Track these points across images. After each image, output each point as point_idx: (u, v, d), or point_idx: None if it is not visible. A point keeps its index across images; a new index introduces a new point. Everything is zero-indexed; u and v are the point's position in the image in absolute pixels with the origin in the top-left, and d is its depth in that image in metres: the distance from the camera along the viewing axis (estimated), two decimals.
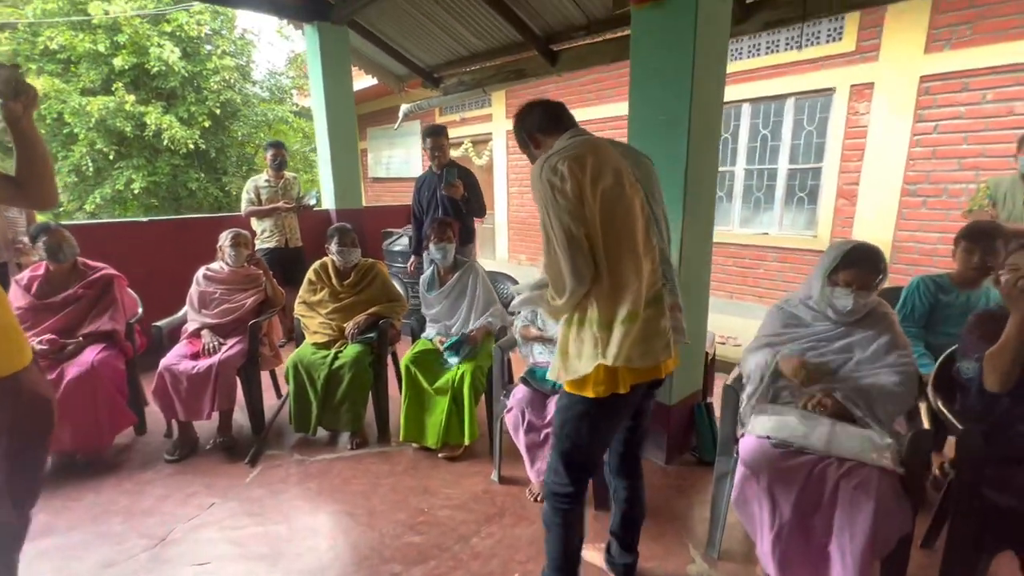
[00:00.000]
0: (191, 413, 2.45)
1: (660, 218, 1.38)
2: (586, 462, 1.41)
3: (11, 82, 1.19)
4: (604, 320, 1.26)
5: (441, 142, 3.33)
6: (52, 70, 7.33)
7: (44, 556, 1.82)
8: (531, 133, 1.45)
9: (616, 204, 1.24)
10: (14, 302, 2.47)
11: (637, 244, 1.26)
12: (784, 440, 1.50)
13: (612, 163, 1.26)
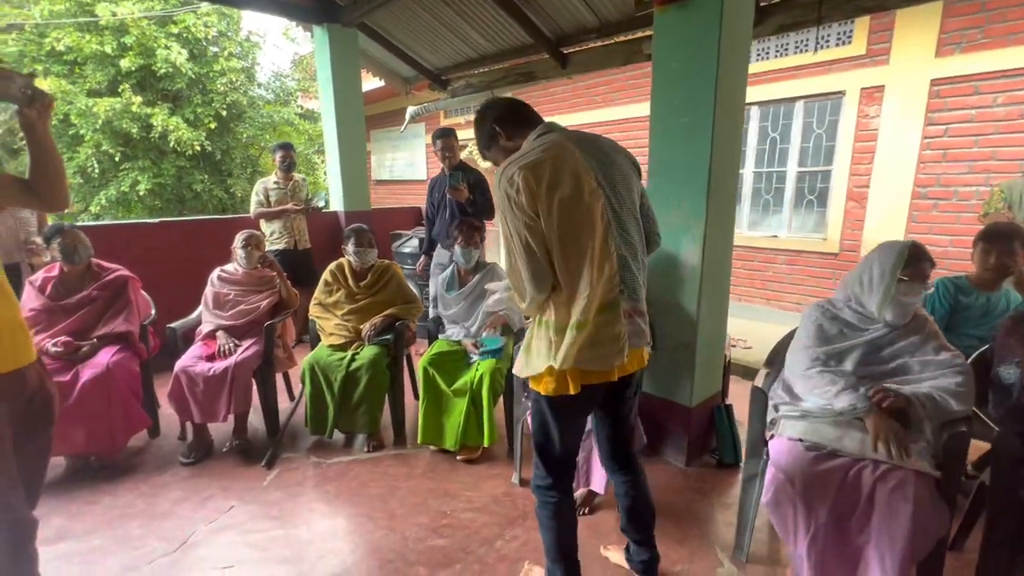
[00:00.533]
0: (207, 415, 2.44)
1: (627, 221, 1.34)
2: (558, 455, 1.45)
3: (27, 89, 1.22)
4: (558, 325, 1.30)
5: (451, 143, 3.34)
6: (59, 71, 7.31)
7: (64, 560, 1.80)
8: (500, 121, 1.40)
9: (572, 213, 1.24)
10: (28, 304, 2.46)
11: (593, 253, 1.27)
12: (817, 443, 1.48)
13: (571, 169, 1.25)
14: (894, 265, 1.55)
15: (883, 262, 1.58)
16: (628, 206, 1.34)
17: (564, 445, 1.44)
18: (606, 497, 2.04)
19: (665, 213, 2.26)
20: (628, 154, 1.42)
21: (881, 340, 1.61)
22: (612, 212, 1.29)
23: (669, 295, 2.30)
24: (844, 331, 1.66)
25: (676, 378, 2.34)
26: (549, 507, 1.46)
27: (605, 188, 1.28)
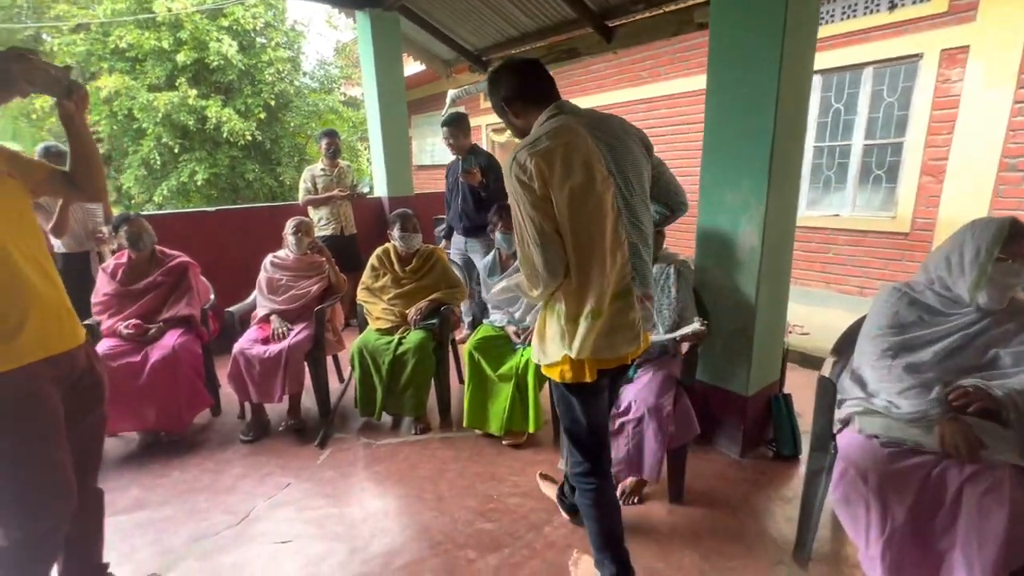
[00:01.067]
0: (263, 396, 2.54)
1: (638, 208, 1.31)
2: (588, 437, 1.44)
3: (64, 82, 1.23)
4: (570, 315, 1.30)
5: (454, 131, 3.28)
6: (122, 68, 7.72)
7: (141, 528, 1.93)
8: (508, 100, 1.35)
9: (585, 202, 1.23)
10: (101, 289, 2.62)
11: (604, 241, 1.26)
12: (896, 439, 1.37)
13: (583, 157, 1.22)
14: (991, 243, 1.39)
15: (978, 239, 1.42)
16: (638, 192, 1.32)
17: (592, 426, 1.43)
18: (658, 488, 1.99)
19: (721, 192, 2.14)
20: (639, 133, 1.39)
21: (969, 328, 1.45)
22: (623, 200, 1.27)
23: (725, 278, 2.19)
24: (924, 317, 1.51)
25: (732, 365, 2.23)
26: (589, 494, 1.44)
27: (616, 176, 1.26)
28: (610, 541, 1.46)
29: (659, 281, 1.98)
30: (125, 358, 2.42)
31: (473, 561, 1.72)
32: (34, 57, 1.15)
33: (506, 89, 1.34)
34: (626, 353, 1.33)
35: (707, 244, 2.24)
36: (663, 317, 1.96)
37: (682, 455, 1.96)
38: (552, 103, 1.32)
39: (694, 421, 1.91)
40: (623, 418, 1.87)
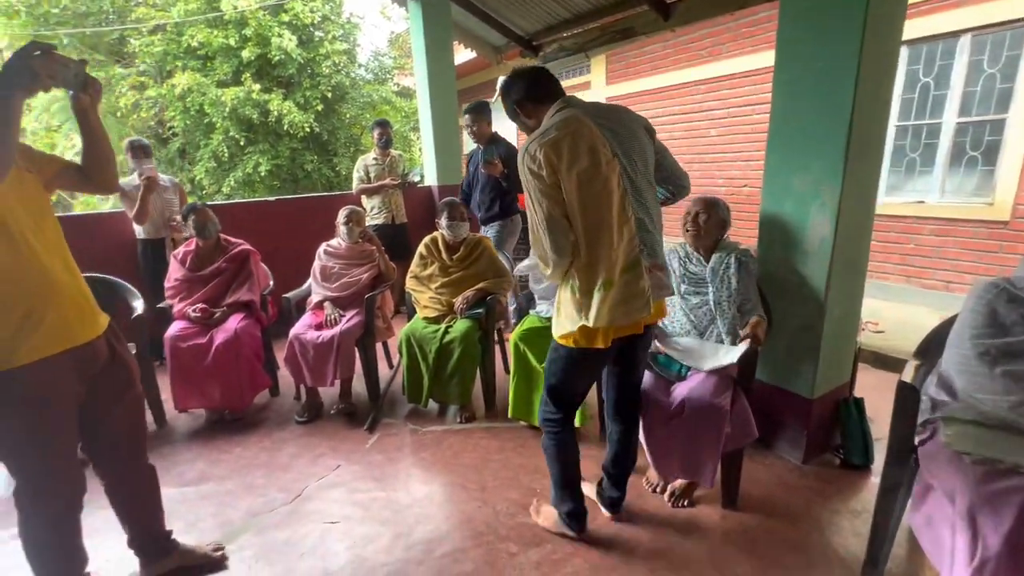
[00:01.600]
0: (317, 379, 2.63)
1: (643, 186, 1.43)
2: (567, 396, 1.63)
3: (81, 76, 1.22)
4: (584, 288, 1.43)
5: (476, 118, 3.29)
6: (194, 66, 8.21)
7: (205, 500, 2.05)
8: (520, 103, 1.50)
9: (591, 184, 1.36)
10: (173, 274, 2.79)
11: (612, 218, 1.38)
12: (991, 457, 1.21)
13: (588, 143, 1.35)
14: None
15: None
16: (642, 172, 1.44)
17: (577, 389, 1.63)
18: (711, 492, 1.88)
19: (788, 177, 1.97)
20: (642, 120, 1.51)
21: None
22: (628, 180, 1.39)
23: (790, 270, 2.02)
24: None
25: (795, 365, 2.07)
26: (556, 438, 1.63)
27: (621, 158, 1.38)
28: (569, 481, 1.67)
29: (718, 271, 1.86)
30: (193, 340, 2.58)
31: (515, 555, 1.70)
32: (54, 52, 1.15)
33: (516, 93, 1.49)
34: (640, 319, 1.46)
35: (771, 233, 2.08)
36: (722, 310, 1.84)
37: (738, 459, 1.85)
38: (559, 99, 1.45)
39: (752, 424, 1.79)
40: (676, 418, 1.77)
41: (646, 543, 1.73)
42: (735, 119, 5.41)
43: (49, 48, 1.13)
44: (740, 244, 1.96)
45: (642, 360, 1.70)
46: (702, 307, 1.90)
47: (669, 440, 1.78)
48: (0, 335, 1.22)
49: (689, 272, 1.95)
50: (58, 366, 1.30)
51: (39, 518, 1.36)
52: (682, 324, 1.93)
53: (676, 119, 6.08)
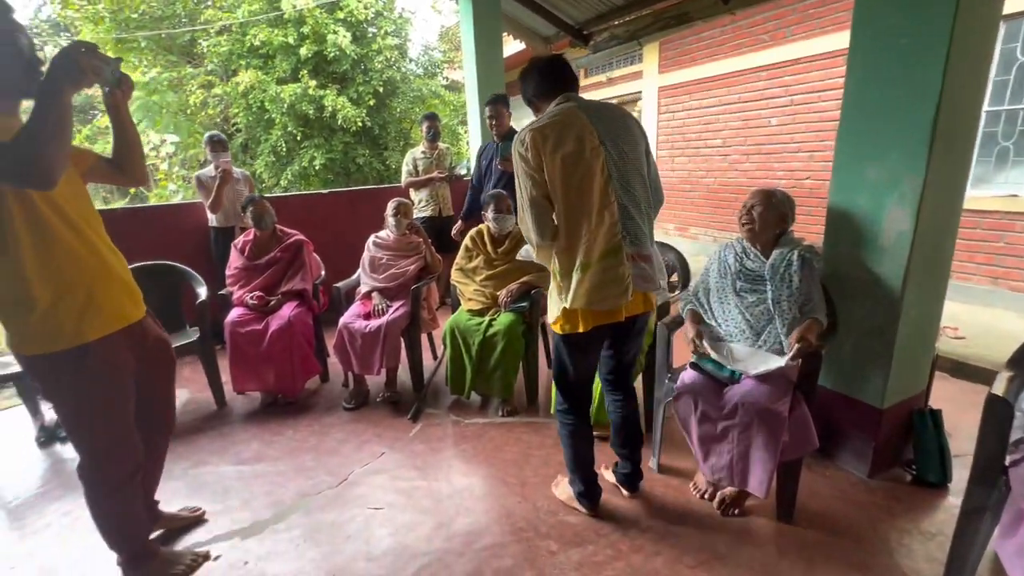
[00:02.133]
0: (364, 367, 2.69)
1: (631, 175, 1.48)
2: (574, 385, 1.70)
3: (116, 73, 1.28)
4: (564, 271, 1.51)
5: (500, 110, 3.29)
6: (256, 64, 8.61)
7: (259, 478, 2.15)
8: (530, 101, 1.62)
9: (574, 168, 1.44)
10: (233, 263, 2.94)
11: (592, 203, 1.45)
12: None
13: (576, 131, 1.44)
14: None
15: None
16: (632, 162, 1.49)
17: (578, 377, 1.68)
18: (764, 502, 1.78)
19: (861, 167, 1.81)
20: (636, 121, 1.58)
21: None
22: (614, 166, 1.45)
23: (861, 268, 1.87)
24: None
25: (864, 372, 1.92)
26: (567, 427, 1.74)
27: (607, 146, 1.45)
28: (581, 465, 1.77)
29: (779, 269, 1.74)
30: (250, 326, 2.70)
31: (554, 553, 1.67)
32: (96, 50, 1.20)
33: (529, 90, 1.60)
34: (618, 306, 1.51)
35: (839, 228, 1.92)
36: (781, 309, 1.72)
37: (796, 469, 1.73)
38: (561, 94, 1.54)
39: (812, 433, 1.66)
40: (727, 422, 1.68)
41: (692, 551, 1.65)
42: (798, 107, 5.08)
43: (92, 47, 1.19)
44: (804, 240, 1.82)
45: (633, 347, 1.76)
46: (759, 306, 1.78)
47: (720, 445, 1.69)
48: (70, 314, 1.31)
49: (746, 269, 1.83)
50: (118, 343, 1.42)
51: (105, 487, 1.47)
52: (736, 323, 1.82)
53: (732, 109, 5.79)
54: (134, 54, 8.88)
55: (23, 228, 1.23)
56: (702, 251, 6.22)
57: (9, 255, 1.23)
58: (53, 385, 1.36)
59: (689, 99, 6.38)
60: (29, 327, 1.28)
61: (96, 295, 1.36)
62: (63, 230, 1.30)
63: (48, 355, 1.30)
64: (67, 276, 1.31)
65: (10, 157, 1.10)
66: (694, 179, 6.52)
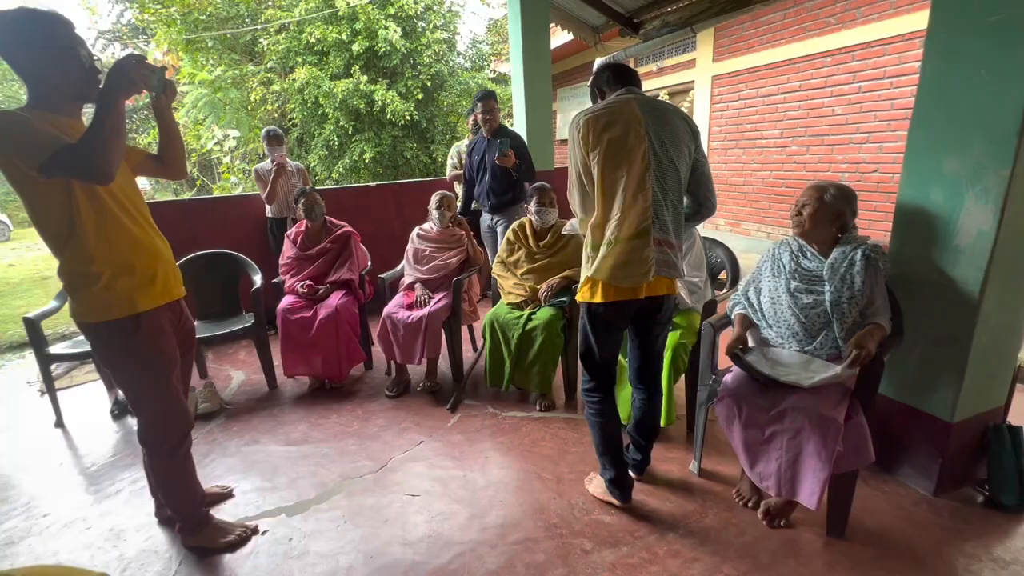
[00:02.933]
0: (406, 357, 2.75)
1: (667, 168, 1.57)
2: (597, 362, 1.75)
3: (162, 80, 1.42)
4: (594, 244, 1.62)
5: (491, 106, 3.33)
6: (311, 61, 8.93)
7: (305, 459, 2.25)
8: (600, 88, 1.75)
9: (618, 150, 1.55)
10: (286, 253, 3.07)
11: (630, 185, 1.54)
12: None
13: (624, 119, 1.55)
14: None
15: None
16: (671, 156, 1.58)
17: (601, 353, 1.74)
18: (813, 515, 1.68)
19: (937, 158, 1.67)
20: (688, 119, 1.66)
21: None
22: (654, 156, 1.55)
23: (931, 270, 1.72)
24: None
25: (932, 382, 1.77)
26: (594, 406, 1.78)
27: (651, 137, 1.55)
28: (610, 446, 1.78)
29: (839, 268, 1.63)
30: (300, 313, 2.82)
31: (588, 552, 1.65)
32: (145, 61, 1.35)
33: (602, 80, 1.73)
34: (639, 284, 1.58)
35: (909, 225, 1.78)
36: (841, 312, 1.61)
37: (851, 482, 1.63)
38: (624, 87, 1.66)
39: (869, 445, 1.55)
40: (774, 426, 1.60)
41: (732, 560, 1.59)
42: (866, 95, 4.73)
43: (142, 59, 1.34)
44: (868, 238, 1.69)
45: (660, 333, 1.80)
46: (816, 308, 1.67)
47: (768, 451, 1.61)
48: (126, 288, 1.48)
49: (802, 268, 1.72)
50: (163, 315, 1.59)
51: (163, 450, 1.62)
52: (789, 326, 1.71)
53: (792, 97, 5.46)
54: (201, 54, 9.42)
55: (89, 214, 1.39)
56: (755, 248, 5.94)
57: (77, 237, 1.39)
58: (111, 350, 1.52)
59: (745, 88, 6.07)
60: (92, 298, 1.44)
61: (147, 272, 1.52)
62: (121, 216, 1.46)
63: (107, 323, 1.47)
64: (124, 255, 1.47)
65: (76, 156, 1.26)
66: (748, 172, 6.22)
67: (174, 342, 1.62)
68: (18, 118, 1.27)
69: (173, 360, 1.61)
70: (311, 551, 1.71)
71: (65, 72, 1.35)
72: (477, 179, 3.58)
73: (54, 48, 1.32)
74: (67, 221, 1.37)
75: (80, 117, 1.46)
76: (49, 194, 1.34)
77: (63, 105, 1.39)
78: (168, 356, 1.59)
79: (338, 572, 1.62)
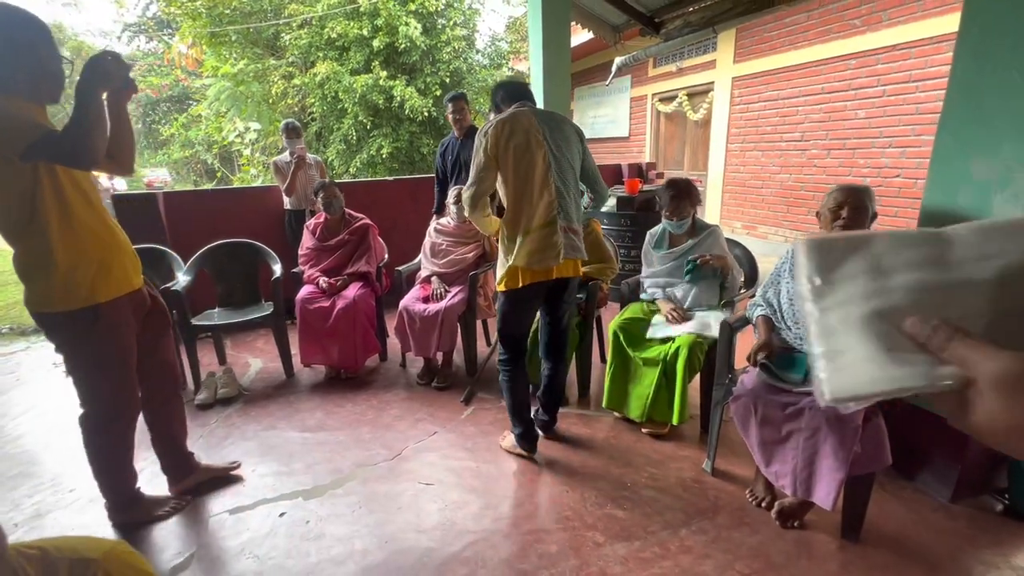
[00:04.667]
0: (421, 349, 2.78)
1: (564, 167, 1.87)
2: (512, 337, 2.03)
3: (127, 78, 1.49)
4: (510, 236, 1.88)
5: (461, 106, 3.46)
6: (332, 56, 9.02)
7: (321, 445, 2.29)
8: (497, 105, 2.01)
9: (523, 156, 1.82)
10: (305, 243, 3.12)
11: (535, 184, 1.83)
12: None
13: (524, 128, 1.82)
14: None
15: None
16: (567, 157, 1.89)
17: (517, 330, 2.02)
18: (828, 517, 1.67)
19: (964, 161, 1.65)
20: (574, 125, 1.98)
21: None
22: (553, 158, 1.84)
23: None
24: None
25: None
26: (507, 374, 2.06)
27: (548, 142, 1.83)
28: (519, 410, 2.08)
29: None
30: (318, 303, 2.86)
31: (600, 545, 1.66)
32: (120, 58, 1.44)
33: (499, 96, 2.01)
34: (551, 267, 1.86)
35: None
36: None
37: (867, 485, 1.62)
38: (519, 101, 1.93)
39: (886, 448, 1.54)
40: (790, 425, 1.60)
41: (745, 558, 1.59)
42: (891, 98, 4.66)
43: (116, 55, 1.43)
44: None
45: (566, 311, 2.08)
46: None
47: (784, 450, 1.61)
48: (84, 278, 1.53)
49: None
50: (123, 305, 1.64)
51: (106, 436, 1.70)
52: None
53: (814, 100, 5.40)
54: (225, 47, 9.56)
55: (52, 203, 1.45)
56: (772, 252, 5.88)
57: (38, 224, 1.45)
58: (67, 339, 1.59)
59: (766, 90, 6.01)
60: (50, 288, 1.50)
61: (106, 263, 1.58)
62: (82, 206, 1.52)
63: (66, 312, 1.52)
64: (84, 246, 1.53)
65: (63, 143, 1.37)
66: (766, 175, 6.16)
67: (133, 332, 1.69)
68: None
69: (129, 350, 1.67)
70: (327, 534, 1.75)
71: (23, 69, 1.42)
72: (451, 178, 3.60)
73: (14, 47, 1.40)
74: (28, 208, 1.42)
75: (45, 110, 1.51)
76: (14, 181, 1.39)
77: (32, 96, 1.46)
78: (124, 346, 1.65)
79: (354, 555, 1.65)
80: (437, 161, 3.72)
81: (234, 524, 1.81)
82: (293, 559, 1.64)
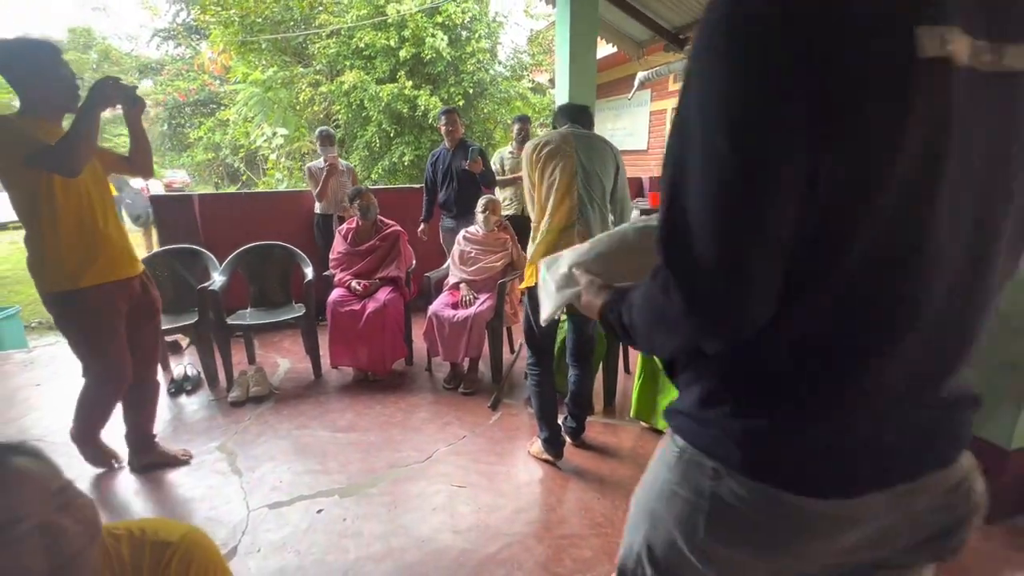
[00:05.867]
0: (449, 354, 2.83)
1: (593, 179, 1.98)
2: (537, 342, 2.11)
3: (133, 96, 1.78)
4: (534, 236, 2.03)
5: (454, 119, 3.63)
6: (359, 65, 9.23)
7: (353, 446, 2.34)
8: (554, 124, 2.17)
9: (550, 160, 1.97)
10: (337, 247, 3.20)
11: (560, 191, 1.95)
12: None
13: (562, 144, 1.98)
14: None
15: None
16: (597, 172, 1.99)
17: (541, 333, 2.08)
18: None
19: None
20: (613, 147, 2.08)
21: None
22: (581, 167, 1.96)
23: None
24: None
25: (989, 407, 1.72)
26: (535, 378, 2.14)
27: (579, 154, 1.97)
28: (546, 413, 2.13)
29: None
30: (349, 306, 2.93)
31: None
32: (120, 81, 1.74)
33: (559, 118, 2.16)
34: None
35: None
36: None
37: None
38: (569, 123, 2.07)
39: None
40: None
41: None
42: None
43: (116, 79, 1.73)
44: None
45: (582, 325, 2.15)
46: None
47: None
48: (71, 265, 1.78)
49: None
50: (108, 291, 1.87)
51: (98, 394, 1.98)
52: None
53: None
54: (254, 54, 9.83)
55: (46, 200, 1.72)
56: None
57: (36, 216, 1.73)
58: (57, 317, 1.84)
59: None
60: (43, 271, 1.78)
61: (92, 252, 1.82)
62: (72, 204, 1.76)
63: (55, 293, 1.79)
64: (71, 239, 1.77)
65: (53, 156, 1.64)
66: None
67: (120, 316, 1.91)
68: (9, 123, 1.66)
69: (113, 331, 1.89)
70: (364, 532, 1.79)
71: (49, 87, 1.71)
72: (442, 187, 3.73)
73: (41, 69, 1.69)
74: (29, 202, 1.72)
75: (61, 123, 1.79)
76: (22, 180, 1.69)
77: (48, 113, 1.74)
78: (106, 327, 1.87)
79: (392, 553, 1.69)
80: (427, 171, 3.85)
81: (275, 519, 1.86)
82: (333, 555, 1.68)
